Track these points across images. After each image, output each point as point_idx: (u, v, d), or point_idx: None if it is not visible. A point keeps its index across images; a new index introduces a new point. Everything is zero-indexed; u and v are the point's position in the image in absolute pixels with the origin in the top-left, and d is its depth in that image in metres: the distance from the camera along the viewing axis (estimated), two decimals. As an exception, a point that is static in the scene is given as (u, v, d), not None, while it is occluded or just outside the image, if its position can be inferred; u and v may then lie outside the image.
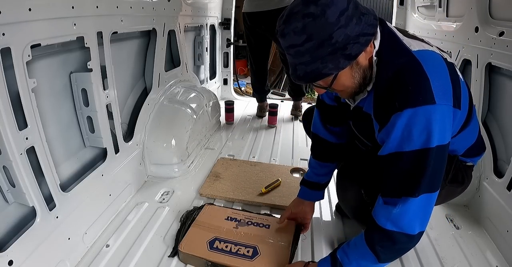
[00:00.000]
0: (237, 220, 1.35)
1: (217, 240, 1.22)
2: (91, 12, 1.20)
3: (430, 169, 0.81)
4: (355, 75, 0.85)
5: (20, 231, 0.98)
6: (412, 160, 0.81)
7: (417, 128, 0.79)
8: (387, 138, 0.84)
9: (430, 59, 0.84)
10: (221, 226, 1.31)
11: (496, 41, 1.39)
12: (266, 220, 1.36)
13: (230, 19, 3.15)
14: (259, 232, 1.29)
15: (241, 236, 1.26)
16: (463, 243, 1.33)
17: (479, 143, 1.10)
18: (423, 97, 0.78)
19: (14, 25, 0.87)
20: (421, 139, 0.79)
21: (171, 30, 1.98)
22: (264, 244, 1.22)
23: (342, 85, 0.87)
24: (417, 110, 0.78)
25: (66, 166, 1.24)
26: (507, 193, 1.28)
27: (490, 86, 1.49)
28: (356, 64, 0.83)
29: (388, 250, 0.88)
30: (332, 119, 1.23)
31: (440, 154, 0.81)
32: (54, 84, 1.16)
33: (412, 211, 0.83)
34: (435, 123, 0.79)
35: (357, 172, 1.09)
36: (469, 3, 1.63)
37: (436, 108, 0.78)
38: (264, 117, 2.82)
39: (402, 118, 0.79)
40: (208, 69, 2.97)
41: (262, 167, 1.91)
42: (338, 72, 0.81)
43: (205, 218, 1.35)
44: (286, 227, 1.32)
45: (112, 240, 1.30)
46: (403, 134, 0.80)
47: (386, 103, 0.84)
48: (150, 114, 1.77)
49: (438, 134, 0.79)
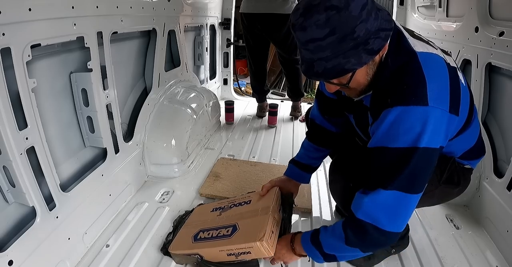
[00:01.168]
0: (221, 208, 1.32)
1: (200, 231, 1.20)
2: (91, 12, 1.20)
3: (410, 168, 0.80)
4: (369, 72, 0.85)
5: (20, 231, 0.98)
6: (393, 156, 0.81)
7: (403, 126, 0.79)
8: (375, 132, 0.85)
9: (432, 62, 0.83)
10: (206, 218, 1.28)
11: (496, 41, 1.39)
12: (248, 196, 1.32)
13: (230, 19, 3.15)
14: (240, 210, 1.25)
15: (224, 220, 1.22)
16: (463, 243, 1.33)
17: (479, 146, 1.09)
18: (416, 97, 0.78)
19: (14, 25, 0.87)
20: (406, 138, 0.79)
21: (171, 30, 1.98)
22: (243, 219, 1.17)
23: (357, 82, 0.86)
24: (407, 109, 0.78)
25: (66, 166, 1.24)
26: (507, 193, 1.28)
27: (490, 86, 1.49)
28: (372, 62, 0.82)
29: (358, 237, 0.88)
30: (331, 111, 1.24)
31: (425, 156, 0.80)
32: (54, 84, 1.16)
33: (380, 203, 0.83)
34: (426, 125, 0.78)
35: (347, 166, 1.12)
36: (469, 3, 1.63)
37: (427, 110, 0.77)
38: (264, 117, 2.82)
39: (390, 115, 0.80)
40: (208, 69, 2.97)
41: (262, 167, 1.91)
42: (360, 66, 0.79)
43: (194, 217, 1.35)
44: (265, 196, 1.26)
45: (112, 240, 1.30)
46: (389, 131, 0.81)
47: (381, 100, 0.84)
48: (150, 114, 1.77)
49: (427, 136, 0.78)
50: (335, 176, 1.18)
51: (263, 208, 1.18)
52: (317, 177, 1.84)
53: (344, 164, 1.16)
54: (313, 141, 1.31)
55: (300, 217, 1.50)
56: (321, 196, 1.66)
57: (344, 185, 1.09)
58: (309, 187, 1.71)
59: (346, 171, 1.11)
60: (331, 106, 1.22)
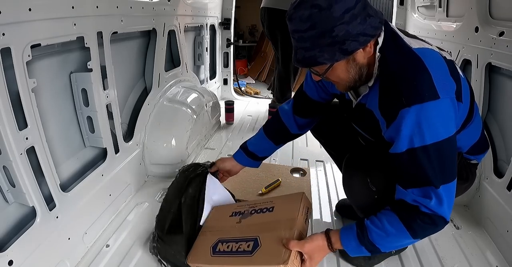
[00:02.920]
0: (241, 213, 1.18)
1: (219, 242, 1.08)
2: (91, 12, 1.20)
3: (446, 160, 0.85)
4: (350, 71, 0.89)
5: (20, 231, 0.98)
6: (428, 153, 0.83)
7: (426, 124, 0.81)
8: (397, 134, 0.85)
9: (429, 55, 0.87)
10: (224, 225, 1.16)
11: (496, 41, 1.39)
12: (270, 202, 1.17)
13: (230, 19, 3.16)
14: (262, 219, 1.11)
15: (244, 229, 1.10)
16: (463, 243, 1.33)
17: (483, 140, 1.11)
18: (428, 93, 0.81)
19: (14, 25, 0.87)
20: (432, 133, 0.82)
21: (171, 30, 1.98)
22: (266, 231, 1.04)
23: (337, 76, 0.91)
24: (424, 106, 0.81)
25: (66, 166, 1.24)
26: (507, 193, 1.28)
27: (490, 86, 1.49)
28: (353, 61, 0.87)
29: (427, 231, 0.91)
30: (305, 111, 1.27)
31: (451, 144, 0.85)
32: (54, 84, 1.16)
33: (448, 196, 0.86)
34: (443, 116, 0.83)
35: (363, 161, 1.11)
36: (469, 3, 1.63)
37: (441, 103, 0.81)
38: (264, 117, 2.81)
39: (411, 114, 0.81)
40: (208, 69, 2.97)
41: (262, 167, 1.89)
42: (332, 63, 0.86)
43: (212, 222, 1.21)
44: (291, 203, 1.11)
45: (112, 240, 1.29)
46: (414, 130, 0.82)
47: (393, 99, 0.85)
48: (150, 114, 1.77)
49: (446, 126, 0.84)
50: (350, 171, 1.14)
51: (287, 219, 1.04)
52: (317, 177, 1.84)
53: (358, 159, 1.14)
54: (270, 135, 1.32)
55: (300, 217, 1.50)
56: (321, 196, 1.66)
57: (361, 181, 1.06)
58: (309, 187, 1.71)
59: (362, 167, 1.09)
60: (307, 107, 1.26)
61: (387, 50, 0.88)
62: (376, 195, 1.01)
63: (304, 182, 1.75)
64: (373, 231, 0.91)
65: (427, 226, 0.88)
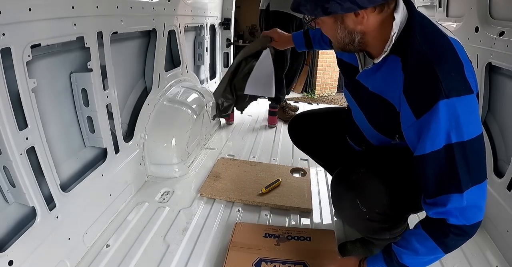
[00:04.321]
0: (276, 235, 1.29)
1: (262, 261, 1.16)
2: (91, 12, 1.20)
3: (478, 158, 0.80)
4: (338, 32, 0.87)
5: (20, 231, 0.98)
6: (464, 152, 0.77)
7: (464, 118, 0.76)
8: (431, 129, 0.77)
9: (460, 47, 0.83)
10: (261, 245, 1.24)
11: (496, 41, 1.39)
12: (305, 232, 1.32)
13: (230, 19, 3.15)
14: (302, 246, 1.24)
15: (286, 253, 1.21)
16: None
17: None
18: (465, 86, 0.77)
19: (14, 25, 0.87)
20: (470, 128, 0.77)
21: (171, 30, 1.98)
22: (312, 258, 1.18)
23: (326, 32, 0.92)
24: (462, 100, 0.76)
25: (66, 166, 1.24)
26: (507, 193, 1.28)
27: (490, 86, 1.49)
28: (341, 23, 0.84)
29: (460, 241, 0.86)
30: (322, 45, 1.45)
31: (482, 141, 0.80)
32: (54, 84, 1.16)
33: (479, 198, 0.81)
34: (475, 112, 0.79)
35: (352, 180, 1.03)
36: (469, 3, 1.63)
37: (473, 98, 0.78)
38: (264, 117, 2.81)
39: (450, 107, 0.75)
40: (208, 69, 2.97)
41: (262, 167, 1.91)
42: (312, 16, 0.88)
43: (241, 238, 1.28)
44: (327, 237, 1.29)
45: (112, 240, 1.30)
46: (451, 125, 0.76)
47: (428, 87, 0.77)
48: (150, 114, 1.77)
49: (477, 122, 0.80)
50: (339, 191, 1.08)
51: (329, 251, 1.22)
52: (317, 177, 1.84)
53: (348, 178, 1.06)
54: None
55: (300, 217, 1.50)
56: (321, 196, 1.66)
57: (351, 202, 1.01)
58: (309, 187, 1.71)
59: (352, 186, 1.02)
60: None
61: (415, 29, 0.81)
62: (367, 215, 0.98)
63: (304, 182, 1.75)
64: (402, 253, 0.88)
65: (459, 238, 0.84)
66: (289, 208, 1.53)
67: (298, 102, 3.38)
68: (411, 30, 0.82)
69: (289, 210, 1.53)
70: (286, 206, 1.53)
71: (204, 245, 1.30)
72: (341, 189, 1.06)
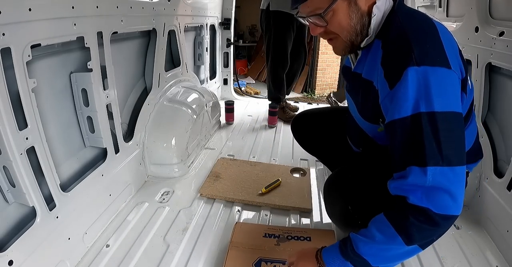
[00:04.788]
0: (276, 235, 1.29)
1: (262, 261, 1.16)
2: (91, 12, 1.20)
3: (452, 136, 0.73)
4: (352, 16, 0.83)
5: (20, 231, 0.98)
6: (432, 123, 0.72)
7: (436, 88, 0.72)
8: (399, 97, 0.74)
9: (446, 32, 0.82)
10: (261, 244, 1.24)
11: (496, 41, 1.39)
12: (305, 232, 1.32)
13: (230, 19, 3.15)
14: (302, 246, 1.24)
15: (286, 253, 1.20)
16: (463, 243, 1.33)
17: (476, 149, 1.08)
18: (441, 59, 0.74)
19: (14, 25, 0.87)
20: (439, 101, 0.72)
21: (171, 30, 1.98)
22: None
23: (338, 23, 0.84)
24: (435, 70, 0.73)
25: (66, 166, 1.24)
26: (507, 193, 1.28)
27: (490, 86, 1.49)
28: (355, 4, 0.82)
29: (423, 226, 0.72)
30: None
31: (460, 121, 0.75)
32: (54, 84, 1.16)
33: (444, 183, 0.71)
34: (451, 87, 0.75)
35: (344, 185, 1.04)
36: (469, 3, 1.63)
37: (451, 74, 0.74)
38: (264, 117, 2.81)
39: (420, 75, 0.72)
40: (208, 69, 2.97)
41: (262, 167, 1.91)
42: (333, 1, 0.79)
43: (241, 238, 1.28)
44: (327, 237, 1.29)
45: (112, 240, 1.30)
46: (421, 93, 0.72)
47: (400, 57, 0.76)
48: (150, 114, 1.77)
49: (454, 99, 0.74)
50: (331, 197, 1.10)
51: None
52: (317, 177, 1.84)
53: (340, 184, 1.07)
54: None
55: (300, 217, 1.50)
56: (321, 196, 1.66)
57: (342, 207, 1.01)
58: (309, 187, 1.71)
59: (343, 192, 1.02)
60: None
61: (399, 13, 0.83)
62: (359, 220, 0.94)
63: (304, 182, 1.75)
64: (359, 240, 0.78)
65: (424, 226, 0.71)
66: (289, 208, 1.53)
67: (298, 102, 3.38)
68: (395, 14, 0.83)
69: (289, 210, 1.53)
70: (286, 206, 1.53)
71: (204, 245, 1.30)
72: (332, 195, 1.06)
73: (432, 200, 0.71)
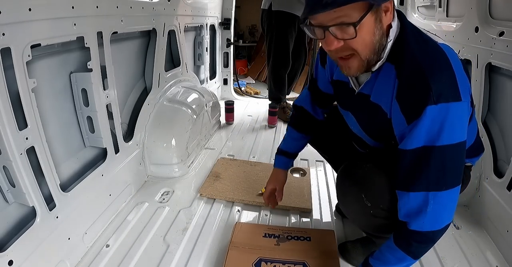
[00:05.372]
0: (276, 235, 1.30)
1: (262, 261, 1.16)
2: (91, 12, 1.20)
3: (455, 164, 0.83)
4: (376, 33, 0.80)
5: (20, 231, 0.98)
6: (441, 155, 0.81)
7: (448, 124, 0.79)
8: (414, 130, 0.81)
9: (451, 53, 0.83)
10: (261, 244, 1.25)
11: (496, 41, 1.39)
12: (305, 232, 1.33)
13: (230, 19, 3.16)
14: (302, 246, 1.25)
15: (286, 253, 1.21)
16: (463, 243, 1.33)
17: (478, 143, 1.10)
18: (453, 93, 0.78)
19: (14, 25, 0.87)
20: (450, 135, 0.80)
21: (171, 30, 1.98)
22: (312, 258, 1.19)
23: (362, 39, 0.79)
24: (450, 106, 0.78)
25: (66, 166, 1.24)
26: (507, 193, 1.28)
27: (490, 86, 1.49)
28: (380, 21, 0.80)
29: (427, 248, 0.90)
30: (323, 103, 1.28)
31: (460, 150, 0.83)
32: (54, 84, 1.16)
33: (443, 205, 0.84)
34: (461, 119, 0.81)
35: (358, 175, 1.04)
36: (469, 3, 1.62)
37: (462, 106, 0.80)
38: (264, 117, 2.81)
39: (436, 113, 0.78)
40: (208, 69, 2.97)
41: (262, 167, 1.91)
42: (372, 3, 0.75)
43: (241, 238, 1.28)
44: (327, 237, 1.31)
45: (112, 240, 1.30)
46: (434, 128, 0.79)
47: (419, 94, 0.79)
48: (150, 114, 1.77)
49: (461, 130, 0.82)
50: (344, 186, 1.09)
51: (328, 251, 1.23)
52: (317, 177, 1.84)
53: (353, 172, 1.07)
54: (301, 129, 1.32)
55: (300, 217, 1.50)
56: (321, 196, 1.66)
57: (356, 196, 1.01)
58: (309, 187, 1.71)
59: (357, 181, 1.02)
60: (324, 100, 1.25)
61: (410, 39, 0.83)
62: (371, 210, 0.98)
63: (304, 182, 1.75)
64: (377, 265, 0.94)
65: (423, 245, 0.88)
66: (289, 208, 1.53)
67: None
68: (405, 38, 0.84)
69: (289, 210, 1.53)
70: (286, 206, 1.53)
71: (204, 245, 1.30)
72: (346, 183, 1.06)
73: (433, 224, 0.84)
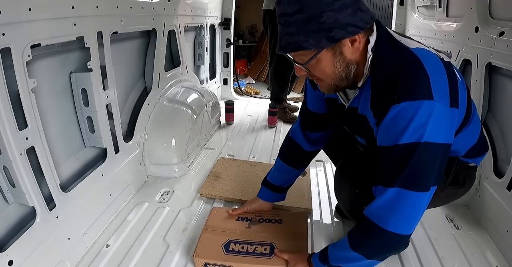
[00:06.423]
0: (248, 219, 1.33)
1: (231, 242, 1.19)
2: (91, 12, 1.20)
3: (413, 163, 0.80)
4: (336, 65, 0.86)
5: (20, 231, 0.98)
6: (400, 152, 0.81)
7: (412, 122, 0.78)
8: (384, 129, 0.84)
9: (428, 57, 0.84)
10: (233, 227, 1.28)
11: (496, 41, 1.39)
12: (277, 214, 1.36)
13: (230, 19, 3.16)
14: (272, 228, 1.28)
15: (256, 235, 1.24)
16: (463, 243, 1.33)
17: (481, 142, 1.09)
18: (422, 92, 0.78)
19: (14, 25, 0.87)
20: (412, 133, 0.79)
21: (171, 30, 1.98)
22: (280, 239, 1.21)
23: (322, 70, 0.87)
24: (414, 104, 0.78)
25: (66, 166, 1.24)
26: (507, 193, 1.28)
27: (490, 86, 1.49)
28: (340, 54, 0.84)
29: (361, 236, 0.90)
30: (313, 126, 1.24)
31: (428, 151, 0.80)
32: (54, 84, 1.16)
33: (384, 201, 0.84)
34: (431, 119, 0.78)
35: (354, 171, 1.10)
36: (469, 3, 1.63)
37: (433, 104, 0.78)
38: (264, 117, 2.81)
39: (399, 111, 0.79)
40: (208, 69, 2.97)
41: (262, 167, 1.91)
42: (317, 50, 0.82)
43: (215, 222, 1.31)
44: (298, 219, 1.33)
45: (112, 240, 1.30)
46: (398, 127, 0.80)
47: (385, 97, 0.83)
48: (150, 114, 1.77)
49: (432, 130, 0.79)
50: (341, 181, 1.17)
51: (298, 232, 1.26)
52: (317, 177, 1.84)
53: (351, 169, 1.14)
54: (288, 161, 1.31)
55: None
56: (321, 196, 1.66)
57: (351, 192, 1.07)
58: (309, 187, 1.71)
59: (353, 177, 1.09)
60: (314, 121, 1.23)
61: (382, 49, 0.85)
62: (364, 205, 0.98)
63: (304, 182, 1.75)
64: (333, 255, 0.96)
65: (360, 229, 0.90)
66: (289, 208, 1.53)
67: (298, 102, 3.38)
68: (379, 49, 0.85)
69: (289, 210, 1.53)
70: (286, 206, 1.53)
71: (204, 245, 1.30)
72: (342, 179, 1.13)
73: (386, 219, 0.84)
